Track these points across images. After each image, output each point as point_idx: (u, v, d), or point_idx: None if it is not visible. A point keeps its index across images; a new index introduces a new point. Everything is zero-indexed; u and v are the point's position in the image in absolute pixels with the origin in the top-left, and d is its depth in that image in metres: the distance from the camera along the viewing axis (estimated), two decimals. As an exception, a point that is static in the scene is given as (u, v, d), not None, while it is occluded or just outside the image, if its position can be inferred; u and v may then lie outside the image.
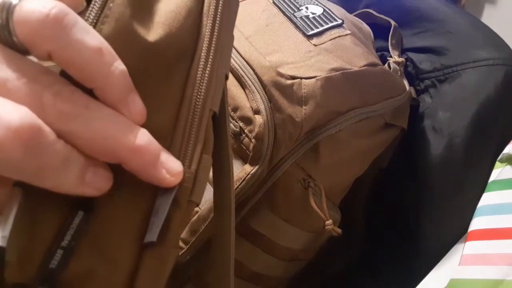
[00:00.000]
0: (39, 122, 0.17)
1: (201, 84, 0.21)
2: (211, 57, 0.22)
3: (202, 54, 0.22)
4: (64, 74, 0.18)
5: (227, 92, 0.25)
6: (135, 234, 0.20)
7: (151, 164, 0.19)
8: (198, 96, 0.21)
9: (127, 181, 0.19)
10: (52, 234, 0.18)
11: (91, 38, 0.18)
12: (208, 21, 0.22)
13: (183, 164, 0.20)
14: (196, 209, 0.39)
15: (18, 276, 0.18)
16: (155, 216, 0.20)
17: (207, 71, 0.22)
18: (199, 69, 0.21)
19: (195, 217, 0.39)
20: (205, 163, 0.21)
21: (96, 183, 0.18)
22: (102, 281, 0.19)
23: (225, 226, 0.26)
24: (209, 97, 0.22)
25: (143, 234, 0.20)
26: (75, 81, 0.18)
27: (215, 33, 0.22)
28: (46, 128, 0.17)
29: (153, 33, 0.21)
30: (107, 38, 0.19)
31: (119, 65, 0.19)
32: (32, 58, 0.18)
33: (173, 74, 0.21)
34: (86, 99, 0.18)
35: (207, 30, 0.22)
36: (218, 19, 0.22)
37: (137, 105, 0.20)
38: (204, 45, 0.22)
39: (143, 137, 0.19)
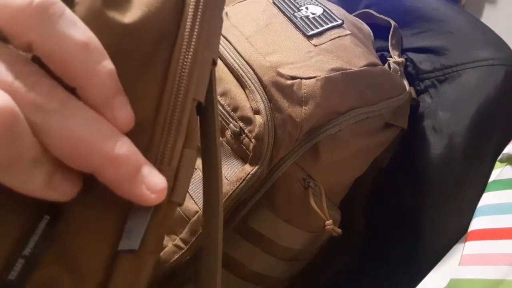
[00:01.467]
0: (17, 109, 0.15)
1: (183, 69, 0.19)
2: (194, 39, 0.20)
3: (185, 36, 0.19)
4: (45, 69, 0.17)
5: (215, 80, 0.23)
6: (107, 240, 0.18)
7: (128, 177, 0.17)
8: (180, 84, 0.19)
9: (100, 182, 0.18)
10: (13, 241, 0.17)
11: (78, 31, 0.16)
12: (191, 0, 0.20)
13: (163, 161, 0.18)
14: (196, 209, 0.39)
15: None
16: (132, 219, 0.18)
17: (189, 55, 0.19)
18: (181, 53, 0.19)
19: (195, 217, 0.39)
20: (188, 159, 0.19)
21: (63, 187, 0.17)
22: None
23: (211, 228, 0.23)
24: (192, 84, 0.19)
25: (116, 240, 0.18)
26: (58, 78, 0.17)
27: (199, 13, 0.20)
28: (22, 117, 0.15)
29: (130, 14, 0.19)
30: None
31: (107, 64, 0.17)
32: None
33: (153, 60, 0.19)
34: (65, 96, 0.17)
35: (190, 9, 0.20)
36: None
37: (123, 111, 0.18)
38: (187, 26, 0.20)
39: (123, 145, 0.17)
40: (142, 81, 0.19)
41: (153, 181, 0.18)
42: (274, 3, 0.44)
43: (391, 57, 0.50)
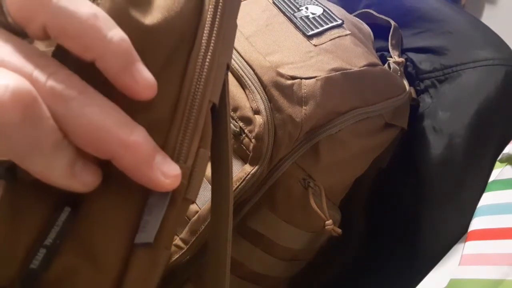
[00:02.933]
0: (35, 91, 0.16)
1: (200, 73, 0.20)
2: (212, 44, 0.20)
3: (203, 41, 0.20)
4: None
5: (228, 83, 0.24)
6: (125, 233, 0.18)
7: (145, 163, 0.18)
8: (197, 86, 0.20)
9: (119, 175, 0.18)
10: (36, 231, 0.17)
11: (82, 4, 0.17)
12: (210, 6, 0.21)
13: (179, 159, 0.19)
14: (196, 209, 0.39)
15: None
16: (148, 214, 0.18)
17: (207, 60, 0.20)
18: (199, 57, 0.20)
19: (195, 217, 0.39)
20: (202, 158, 0.20)
21: (84, 177, 0.17)
22: (86, 283, 0.18)
23: (221, 227, 0.24)
24: (209, 87, 0.20)
25: (133, 233, 0.18)
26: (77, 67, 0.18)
27: (217, 19, 0.21)
28: (41, 101, 0.16)
29: (151, 16, 0.19)
30: None
31: (118, 32, 0.17)
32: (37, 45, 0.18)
33: (171, 62, 0.20)
34: (83, 85, 0.17)
35: (208, 16, 0.21)
36: (220, 4, 0.21)
37: (144, 74, 0.18)
38: (205, 32, 0.20)
39: (140, 133, 0.18)
40: (162, 79, 0.19)
41: (167, 167, 0.18)
42: (274, 3, 0.44)
43: (391, 57, 0.50)
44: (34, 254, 0.17)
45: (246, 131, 0.38)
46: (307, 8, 0.44)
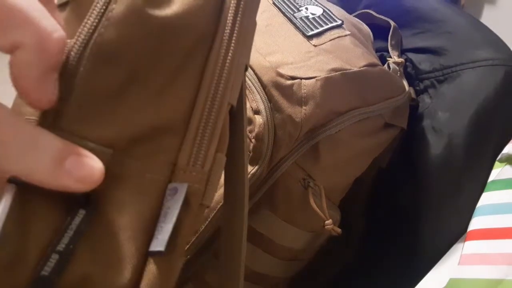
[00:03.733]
0: None
1: (220, 74, 0.19)
2: (232, 44, 0.19)
3: (224, 40, 0.19)
4: None
5: (245, 84, 0.23)
6: (140, 238, 0.18)
7: (49, 68, 0.16)
8: (217, 88, 0.19)
9: (132, 177, 0.17)
10: (48, 236, 0.16)
11: None
12: (232, 3, 0.20)
13: (196, 163, 0.18)
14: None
15: (7, 283, 0.16)
16: (163, 220, 0.18)
17: (228, 60, 0.19)
18: (220, 58, 0.19)
19: (195, 217, 0.39)
20: (219, 163, 0.19)
21: (78, 172, 0.16)
22: None
23: (237, 228, 0.23)
24: (228, 89, 0.19)
25: (149, 239, 0.18)
26: None
27: (239, 17, 0.20)
28: None
29: (170, 10, 0.19)
30: (120, 17, 0.17)
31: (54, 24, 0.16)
32: None
33: (189, 60, 0.19)
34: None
35: (230, 13, 0.20)
36: (242, 1, 0.20)
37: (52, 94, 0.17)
38: (226, 30, 0.19)
39: (60, 35, 0.16)
40: (180, 79, 0.19)
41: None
42: (274, 3, 0.44)
43: (390, 57, 0.50)
44: (46, 261, 0.16)
45: (246, 131, 0.38)
46: (307, 9, 0.44)
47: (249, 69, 0.39)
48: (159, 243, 0.17)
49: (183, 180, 0.18)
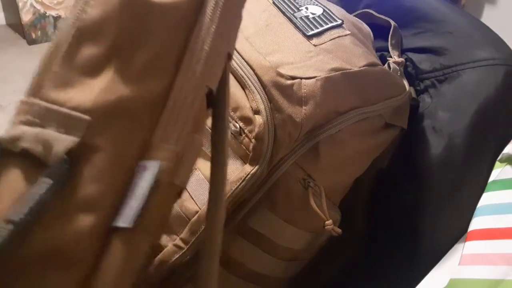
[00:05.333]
0: None
1: (199, 56, 0.20)
2: (213, 29, 0.20)
3: (204, 25, 0.20)
4: None
5: (229, 73, 0.23)
6: (106, 213, 0.17)
7: None
8: (195, 69, 0.20)
9: (106, 150, 0.17)
10: (4, 207, 0.16)
11: None
12: None
13: (169, 141, 0.19)
14: (196, 209, 0.39)
15: None
16: (130, 196, 0.17)
17: (207, 44, 0.20)
18: (199, 41, 0.20)
19: (195, 217, 0.39)
20: (194, 144, 0.20)
21: None
22: (60, 266, 0.16)
23: (216, 220, 0.23)
24: (206, 71, 0.20)
25: (113, 215, 0.17)
26: None
27: (220, 5, 0.21)
28: None
29: None
30: None
31: None
32: None
33: (171, 41, 0.20)
34: None
35: (212, 2, 0.20)
36: None
37: None
38: (207, 16, 0.20)
39: None
40: (162, 59, 0.19)
41: None
42: (274, 3, 0.44)
43: (391, 57, 0.50)
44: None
45: (246, 131, 0.38)
46: (307, 8, 0.44)
47: (249, 69, 0.39)
48: (124, 219, 0.17)
49: (155, 157, 0.18)
